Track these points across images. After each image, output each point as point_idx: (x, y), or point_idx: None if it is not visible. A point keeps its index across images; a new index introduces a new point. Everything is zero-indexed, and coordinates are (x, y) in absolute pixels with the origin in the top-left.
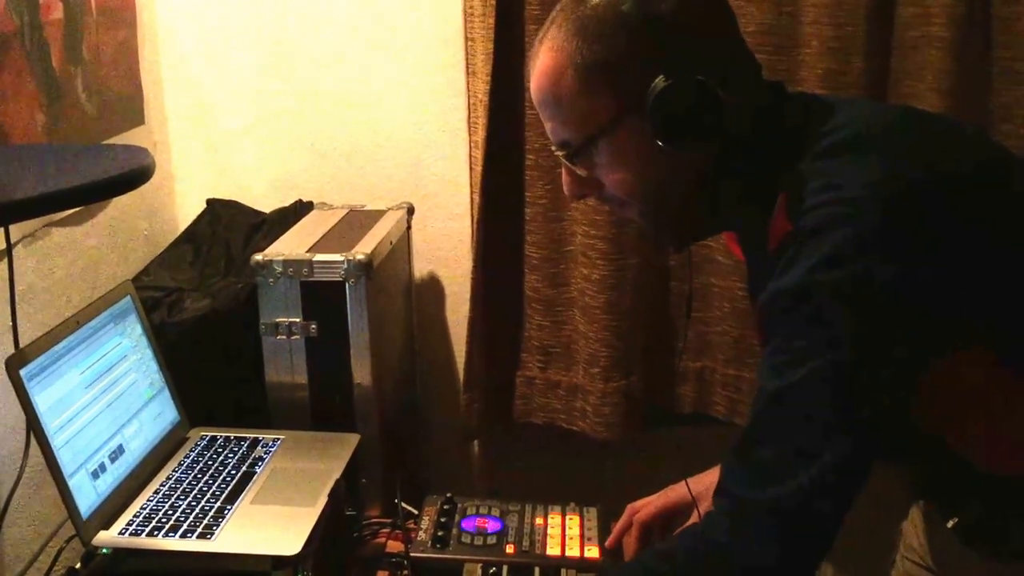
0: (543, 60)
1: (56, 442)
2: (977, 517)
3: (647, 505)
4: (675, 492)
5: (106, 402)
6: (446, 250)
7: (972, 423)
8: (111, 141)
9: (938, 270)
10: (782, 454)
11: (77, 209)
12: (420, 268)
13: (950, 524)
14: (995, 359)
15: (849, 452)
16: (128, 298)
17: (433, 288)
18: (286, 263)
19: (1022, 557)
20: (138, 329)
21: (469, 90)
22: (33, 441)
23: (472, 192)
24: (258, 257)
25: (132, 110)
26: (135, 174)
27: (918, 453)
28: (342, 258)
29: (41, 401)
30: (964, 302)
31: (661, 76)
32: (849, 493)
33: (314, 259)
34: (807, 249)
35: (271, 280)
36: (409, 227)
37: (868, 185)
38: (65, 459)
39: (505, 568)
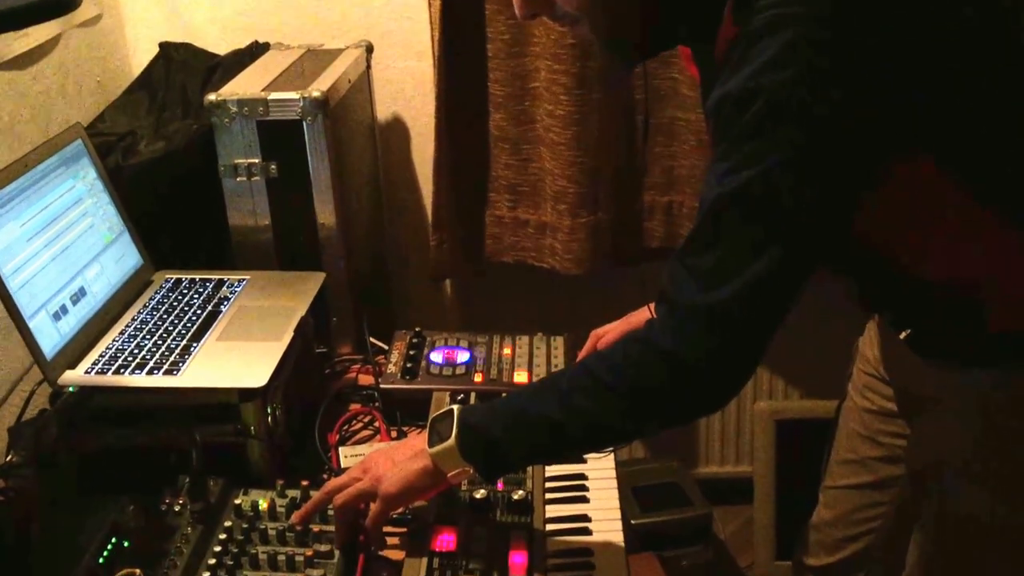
0: None
1: (12, 285)
2: (926, 327)
3: (611, 330)
4: (637, 317)
5: (62, 245)
6: (409, 90)
7: (914, 232)
8: None
9: (884, 75)
10: (720, 260)
11: (20, 52)
12: (383, 109)
13: (902, 336)
14: (936, 169)
15: (785, 259)
16: (79, 141)
17: (398, 129)
18: (240, 102)
19: (969, 364)
20: (92, 173)
21: None
22: None
23: (432, 29)
24: (212, 97)
25: None
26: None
27: (862, 265)
28: (298, 96)
29: None
30: (908, 109)
31: None
32: (784, 300)
33: (269, 98)
34: (753, 52)
35: (227, 120)
36: (369, 66)
37: None
38: (23, 301)
39: (473, 395)
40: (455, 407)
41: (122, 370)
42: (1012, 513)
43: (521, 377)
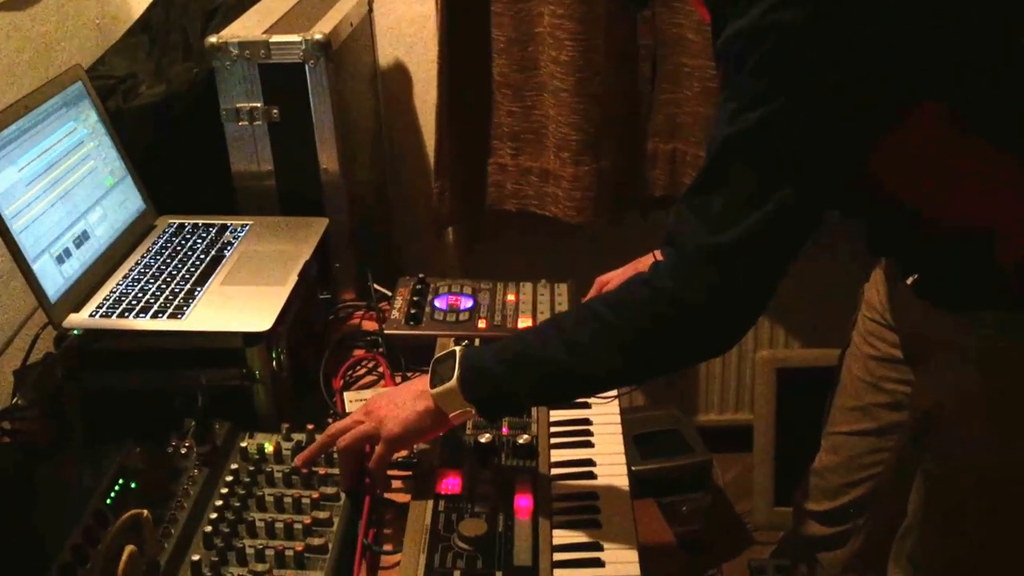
0: None
1: (15, 227)
2: (935, 272)
3: (615, 276)
4: (642, 263)
5: (64, 188)
6: (411, 35)
7: (930, 176)
8: None
9: (900, 15)
10: (727, 203)
11: None
12: (385, 54)
13: (909, 281)
14: (950, 113)
15: (794, 201)
16: (80, 83)
17: (400, 75)
18: (242, 45)
19: (976, 308)
20: (93, 116)
21: None
22: None
23: None
24: (213, 39)
25: None
26: None
27: (875, 210)
28: (300, 38)
29: None
30: (923, 51)
31: None
32: (790, 245)
33: (271, 40)
34: None
35: (228, 63)
36: (370, 9)
37: None
38: (27, 244)
39: (477, 341)
40: (457, 348)
41: (127, 313)
42: (1015, 458)
43: (525, 323)
